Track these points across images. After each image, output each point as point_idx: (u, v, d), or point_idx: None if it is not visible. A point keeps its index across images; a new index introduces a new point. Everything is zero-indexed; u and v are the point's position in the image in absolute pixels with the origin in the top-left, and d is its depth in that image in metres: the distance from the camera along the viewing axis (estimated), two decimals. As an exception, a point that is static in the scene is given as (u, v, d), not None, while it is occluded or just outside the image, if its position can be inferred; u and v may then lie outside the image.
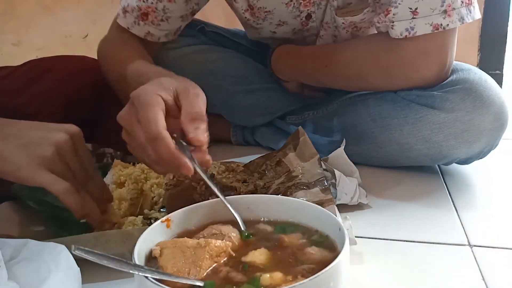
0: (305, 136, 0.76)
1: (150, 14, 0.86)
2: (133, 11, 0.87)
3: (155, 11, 0.86)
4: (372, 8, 0.87)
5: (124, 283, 0.53)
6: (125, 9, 0.88)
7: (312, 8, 0.91)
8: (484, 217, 0.69)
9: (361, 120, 0.87)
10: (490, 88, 0.76)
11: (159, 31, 0.90)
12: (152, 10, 0.86)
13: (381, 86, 0.86)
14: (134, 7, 0.87)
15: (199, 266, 0.42)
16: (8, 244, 0.48)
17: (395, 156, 0.84)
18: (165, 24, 0.89)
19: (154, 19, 0.87)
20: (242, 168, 0.80)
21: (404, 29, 0.77)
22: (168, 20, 0.89)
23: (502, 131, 0.77)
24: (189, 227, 0.51)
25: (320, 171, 0.68)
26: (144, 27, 0.88)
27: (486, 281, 0.51)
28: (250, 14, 0.95)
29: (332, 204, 0.60)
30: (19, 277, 0.43)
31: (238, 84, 1.04)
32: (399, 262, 0.56)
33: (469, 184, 0.82)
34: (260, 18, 0.95)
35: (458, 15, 0.75)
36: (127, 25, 0.88)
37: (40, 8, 2.15)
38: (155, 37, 0.90)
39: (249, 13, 0.95)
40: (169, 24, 0.90)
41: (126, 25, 0.88)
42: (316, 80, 0.98)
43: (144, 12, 0.87)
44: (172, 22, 0.90)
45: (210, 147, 0.54)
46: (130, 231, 0.55)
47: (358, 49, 0.89)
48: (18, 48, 2.22)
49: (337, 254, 0.41)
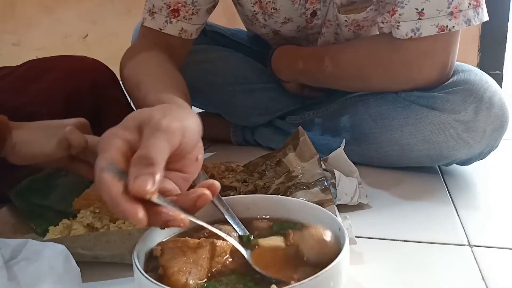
0: (305, 136, 0.76)
1: (181, 9, 0.85)
2: (162, 10, 0.85)
3: (185, 5, 0.85)
4: (375, 7, 0.87)
5: (124, 283, 0.53)
6: (151, 11, 0.86)
7: (317, 5, 0.91)
8: (484, 217, 0.69)
9: (362, 121, 0.87)
10: (491, 89, 0.76)
11: (192, 25, 0.88)
12: (182, 5, 0.85)
13: (382, 86, 0.86)
14: (162, 6, 0.85)
15: (200, 265, 0.42)
16: (8, 244, 0.47)
17: (396, 157, 0.84)
18: (196, 18, 0.88)
19: (185, 13, 0.86)
20: (242, 168, 0.80)
21: (409, 30, 0.76)
22: (198, 13, 0.87)
23: (502, 132, 0.77)
24: (190, 227, 0.51)
25: (320, 171, 0.68)
26: (177, 24, 0.86)
27: (486, 281, 0.51)
28: (259, 6, 0.95)
29: (332, 204, 0.60)
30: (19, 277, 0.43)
31: (238, 84, 1.04)
32: (399, 262, 0.56)
33: (469, 184, 0.82)
34: (267, 14, 0.95)
35: (465, 17, 0.75)
36: (158, 26, 0.86)
37: (40, 8, 2.15)
38: (188, 33, 0.88)
39: (257, 6, 0.95)
40: (199, 17, 0.88)
41: (158, 27, 0.86)
42: (316, 81, 0.98)
43: (174, 8, 0.85)
44: (201, 15, 0.89)
45: (210, 147, 0.54)
46: (130, 231, 0.55)
47: (360, 49, 0.89)
48: (18, 48, 2.22)
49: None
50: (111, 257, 0.54)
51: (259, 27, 1.01)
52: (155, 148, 0.42)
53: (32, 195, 0.70)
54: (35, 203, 0.69)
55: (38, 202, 0.69)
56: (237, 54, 1.07)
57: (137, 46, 0.88)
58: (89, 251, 0.53)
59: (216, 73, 1.03)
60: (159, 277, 0.42)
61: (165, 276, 0.41)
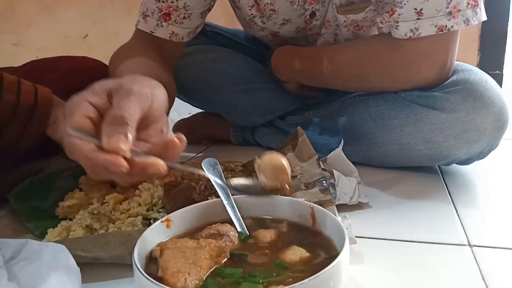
0: (304, 136, 0.76)
1: (172, 13, 0.86)
2: (154, 14, 0.86)
3: (177, 9, 0.86)
4: (374, 7, 0.87)
5: (124, 283, 0.53)
6: (145, 14, 0.87)
7: (316, 6, 0.91)
8: (484, 217, 0.69)
9: (361, 120, 0.87)
10: (491, 89, 0.76)
11: (183, 29, 0.89)
12: (174, 9, 0.86)
13: (382, 86, 0.86)
14: (154, 10, 0.86)
15: (199, 266, 0.42)
16: (8, 244, 0.48)
17: (395, 156, 0.84)
18: (188, 22, 0.88)
19: (177, 17, 0.87)
20: (241, 168, 0.80)
21: (408, 30, 0.77)
22: (190, 17, 0.88)
23: (502, 132, 0.77)
24: (189, 227, 0.51)
25: (319, 171, 0.68)
26: (168, 28, 0.87)
27: (486, 281, 0.51)
28: (256, 9, 0.95)
29: (331, 205, 0.60)
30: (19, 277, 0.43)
31: (238, 84, 1.04)
32: (399, 262, 0.56)
33: (469, 184, 0.82)
34: (265, 16, 0.95)
35: (463, 17, 0.75)
36: (149, 29, 0.87)
37: (40, 8, 2.15)
38: (179, 37, 0.89)
39: (255, 9, 0.95)
40: (191, 21, 0.89)
41: (149, 29, 0.87)
42: (316, 81, 0.98)
43: (165, 12, 0.86)
44: (193, 19, 0.89)
45: (210, 147, 0.54)
46: (129, 232, 0.55)
47: (359, 50, 0.89)
48: (18, 48, 2.22)
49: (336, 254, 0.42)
50: (111, 258, 0.54)
51: (257, 30, 1.01)
52: (128, 109, 0.44)
53: (31, 198, 0.70)
54: (34, 206, 0.69)
55: (37, 204, 0.69)
56: (237, 54, 1.07)
57: (128, 44, 0.89)
58: (88, 253, 0.53)
59: (216, 73, 1.03)
60: (158, 277, 0.42)
61: (165, 277, 0.41)
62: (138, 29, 0.89)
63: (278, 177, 0.54)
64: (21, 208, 0.68)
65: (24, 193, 0.70)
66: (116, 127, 0.43)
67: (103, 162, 0.41)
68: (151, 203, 0.66)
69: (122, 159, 0.42)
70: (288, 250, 0.46)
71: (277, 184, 0.53)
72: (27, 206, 0.68)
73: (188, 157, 1.02)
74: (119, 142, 0.42)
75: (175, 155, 0.48)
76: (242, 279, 0.41)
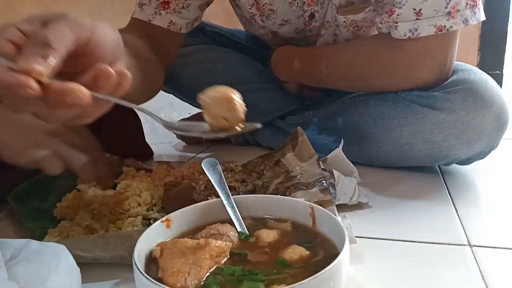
0: (304, 136, 0.76)
1: (171, 2, 0.86)
2: (152, 2, 0.86)
3: None
4: (374, 7, 0.87)
5: (124, 283, 0.53)
6: (141, 3, 0.87)
7: (315, 7, 0.91)
8: (484, 217, 0.69)
9: (361, 120, 0.87)
10: (491, 89, 0.76)
11: (181, 19, 0.88)
12: None
13: (381, 86, 0.86)
14: None
15: (199, 266, 0.42)
16: (8, 244, 0.47)
17: (395, 156, 0.84)
18: (186, 12, 0.88)
19: (175, 6, 0.87)
20: (240, 168, 0.80)
21: (407, 30, 0.77)
22: (188, 7, 0.88)
23: (502, 132, 0.77)
24: (189, 227, 0.51)
25: (318, 171, 0.68)
26: (166, 16, 0.87)
27: (486, 281, 0.51)
28: (256, 8, 0.95)
29: (331, 205, 0.60)
30: (19, 277, 0.43)
31: (238, 84, 1.03)
32: (399, 262, 0.56)
33: (469, 184, 0.82)
34: (264, 15, 0.95)
35: (462, 17, 0.75)
36: (147, 17, 0.86)
37: (40, 8, 2.15)
38: (177, 27, 0.88)
39: (255, 8, 0.95)
40: (189, 12, 0.89)
41: (146, 18, 0.86)
42: (316, 81, 0.98)
43: (164, 0, 0.86)
44: (192, 10, 0.89)
45: (210, 147, 0.54)
46: (129, 233, 0.55)
47: (359, 50, 0.89)
48: (18, 48, 2.22)
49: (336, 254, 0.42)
50: (111, 258, 0.54)
51: (257, 28, 1.01)
52: (55, 32, 0.39)
53: (30, 198, 0.70)
54: (33, 206, 0.69)
55: (36, 205, 0.69)
56: (237, 54, 1.07)
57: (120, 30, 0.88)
58: (88, 253, 0.53)
59: (216, 73, 1.03)
60: (158, 278, 0.42)
61: (165, 277, 0.42)
62: (133, 18, 0.88)
63: (225, 113, 0.46)
64: (21, 208, 0.68)
65: (24, 194, 0.70)
66: (36, 47, 0.38)
67: (13, 82, 0.36)
68: (151, 203, 0.66)
69: (34, 81, 0.36)
70: (288, 248, 0.46)
71: (223, 122, 0.46)
72: (27, 206, 0.68)
73: (188, 157, 1.02)
74: (34, 62, 0.37)
75: (112, 87, 0.42)
76: (242, 276, 0.42)
